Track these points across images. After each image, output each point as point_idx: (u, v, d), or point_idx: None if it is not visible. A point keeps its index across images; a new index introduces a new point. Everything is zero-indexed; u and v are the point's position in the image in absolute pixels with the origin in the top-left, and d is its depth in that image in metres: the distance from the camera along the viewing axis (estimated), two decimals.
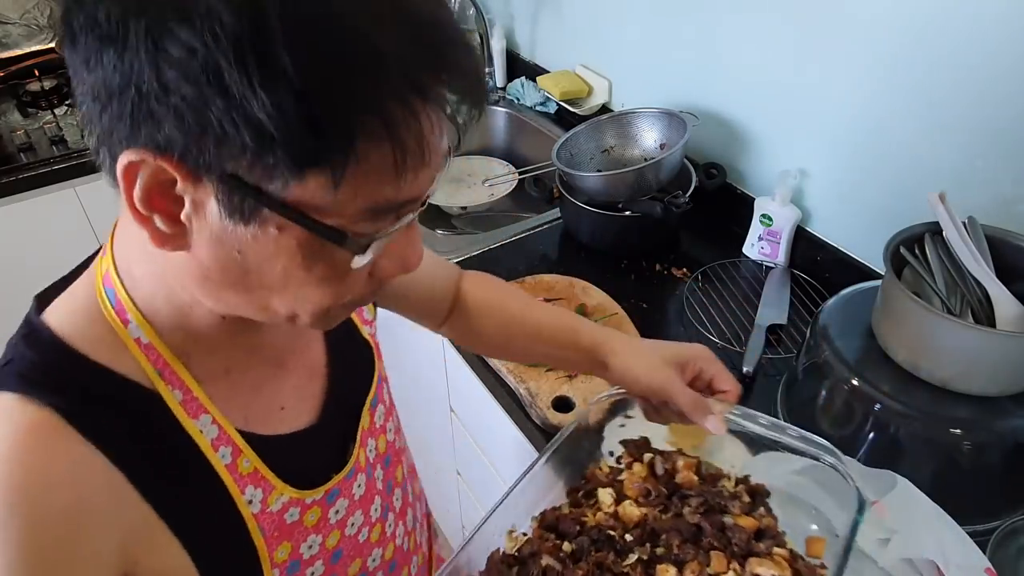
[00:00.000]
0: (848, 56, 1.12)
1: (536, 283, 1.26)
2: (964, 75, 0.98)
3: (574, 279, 1.26)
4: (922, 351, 0.86)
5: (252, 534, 0.56)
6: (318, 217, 0.42)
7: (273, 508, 0.58)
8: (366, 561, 0.68)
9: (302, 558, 0.61)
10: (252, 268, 0.45)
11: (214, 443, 0.54)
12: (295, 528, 0.60)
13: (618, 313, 1.19)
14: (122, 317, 0.51)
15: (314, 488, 0.61)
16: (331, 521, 0.63)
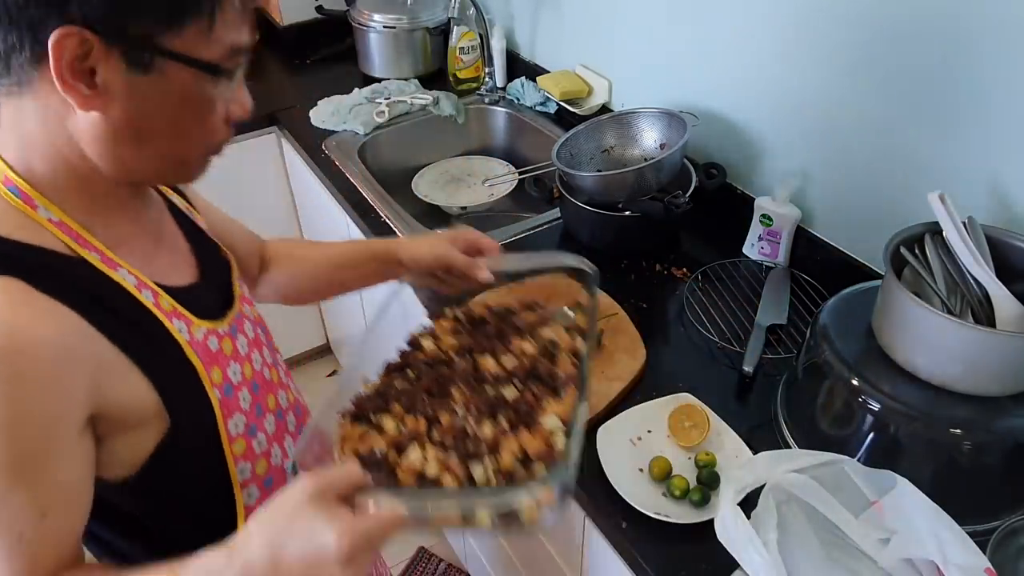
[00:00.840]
0: (848, 56, 1.12)
1: (536, 283, 1.26)
2: (965, 73, 0.98)
3: (574, 279, 1.26)
4: (922, 351, 0.86)
5: (190, 356, 0.69)
6: (198, 59, 0.58)
7: (197, 337, 0.71)
8: (278, 397, 0.83)
9: (231, 382, 0.74)
10: (154, 113, 0.59)
11: (137, 287, 0.66)
12: (219, 355, 0.73)
13: (618, 313, 1.19)
14: (30, 204, 0.62)
15: (219, 320, 0.75)
16: (241, 353, 0.77)
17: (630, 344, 1.13)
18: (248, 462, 0.77)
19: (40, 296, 0.59)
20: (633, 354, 1.12)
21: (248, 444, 0.76)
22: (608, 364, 1.10)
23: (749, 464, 0.84)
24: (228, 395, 0.73)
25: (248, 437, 0.76)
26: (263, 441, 0.79)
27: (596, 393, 1.05)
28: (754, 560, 0.75)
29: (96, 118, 0.58)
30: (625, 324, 1.17)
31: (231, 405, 0.74)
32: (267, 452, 0.79)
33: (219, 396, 0.72)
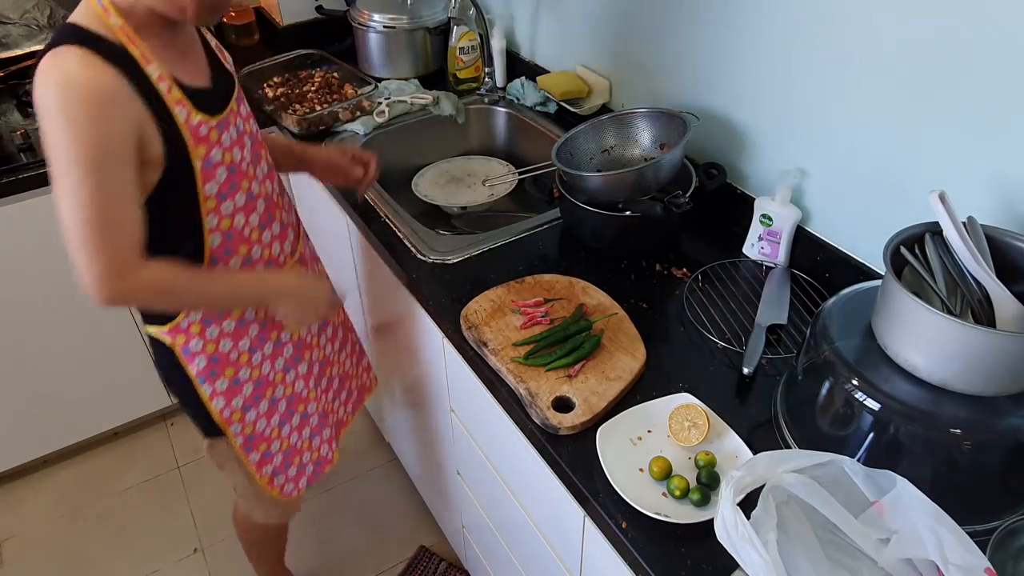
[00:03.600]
0: (848, 55, 1.12)
1: (536, 283, 1.26)
2: (964, 72, 0.98)
3: (574, 279, 1.27)
4: (922, 351, 0.86)
5: (184, 134, 1.01)
6: None
7: (192, 122, 1.02)
8: (250, 185, 1.15)
9: (212, 160, 1.06)
10: None
11: (158, 79, 0.98)
12: (206, 138, 1.04)
13: (618, 313, 1.19)
14: (106, 12, 0.96)
15: (212, 116, 1.05)
16: (224, 144, 1.08)
17: (630, 344, 1.13)
18: (215, 216, 1.10)
19: (104, 63, 0.92)
20: (633, 354, 1.12)
21: (217, 204, 1.09)
22: (608, 364, 1.10)
23: (749, 464, 0.84)
24: (207, 167, 1.05)
25: (218, 199, 1.09)
26: (229, 207, 1.12)
27: (596, 393, 1.05)
28: (754, 560, 0.75)
29: None
30: (625, 324, 1.17)
31: (207, 174, 1.06)
32: (232, 216, 1.13)
33: (200, 165, 1.04)
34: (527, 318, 1.19)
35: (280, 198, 1.27)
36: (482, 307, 1.21)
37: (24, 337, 1.94)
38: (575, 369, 1.09)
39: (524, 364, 1.11)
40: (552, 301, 1.22)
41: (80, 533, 2.09)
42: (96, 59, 0.91)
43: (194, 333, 1.20)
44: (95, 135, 0.90)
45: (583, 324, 1.16)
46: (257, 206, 1.18)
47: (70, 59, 0.91)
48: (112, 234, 0.96)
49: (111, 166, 0.93)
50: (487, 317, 1.20)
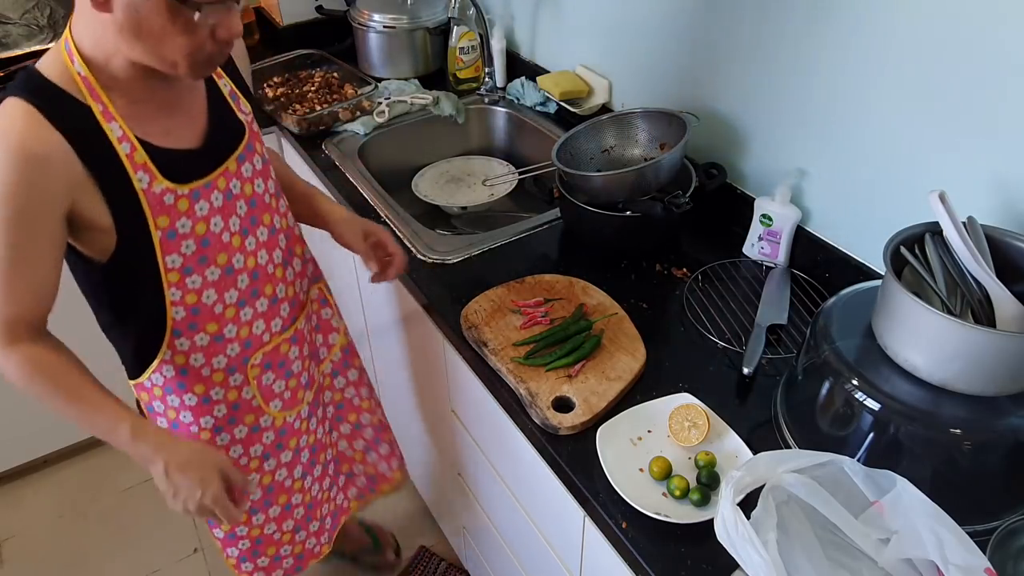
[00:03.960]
0: (848, 55, 1.12)
1: (536, 283, 1.26)
2: (965, 72, 0.98)
3: (574, 279, 1.27)
4: (922, 351, 0.86)
5: (142, 202, 0.93)
6: None
7: (155, 190, 0.94)
8: (231, 258, 1.05)
9: (177, 231, 0.98)
10: (143, 22, 0.82)
11: (119, 139, 0.90)
12: (171, 208, 0.96)
13: (618, 313, 1.19)
14: (71, 59, 0.88)
15: (181, 184, 0.96)
16: (197, 214, 0.99)
17: (630, 344, 1.13)
18: (179, 290, 1.02)
19: (45, 121, 0.85)
20: (633, 354, 1.12)
21: (181, 278, 1.01)
22: (608, 364, 1.10)
23: (749, 464, 0.84)
24: (170, 238, 0.97)
25: (183, 273, 1.01)
26: (197, 282, 1.03)
27: (596, 393, 1.05)
28: (754, 560, 0.75)
29: (107, 17, 0.83)
30: (625, 324, 1.17)
31: (169, 246, 0.98)
32: (199, 291, 1.03)
33: (160, 236, 0.96)
34: (527, 318, 1.19)
35: (281, 269, 1.15)
36: (482, 307, 1.21)
37: None
38: (575, 369, 1.09)
39: (524, 364, 1.11)
40: (552, 301, 1.22)
41: (80, 533, 2.09)
42: (38, 116, 0.85)
43: (156, 395, 1.13)
44: (14, 194, 0.85)
45: (583, 324, 1.16)
46: (238, 281, 1.07)
47: (13, 112, 0.85)
48: (5, 299, 0.91)
49: (24, 229, 0.87)
50: (487, 317, 1.20)
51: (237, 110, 1.08)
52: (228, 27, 0.87)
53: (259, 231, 1.09)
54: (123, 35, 0.84)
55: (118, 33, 0.84)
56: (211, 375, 1.12)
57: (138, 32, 0.83)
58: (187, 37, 0.84)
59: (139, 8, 0.81)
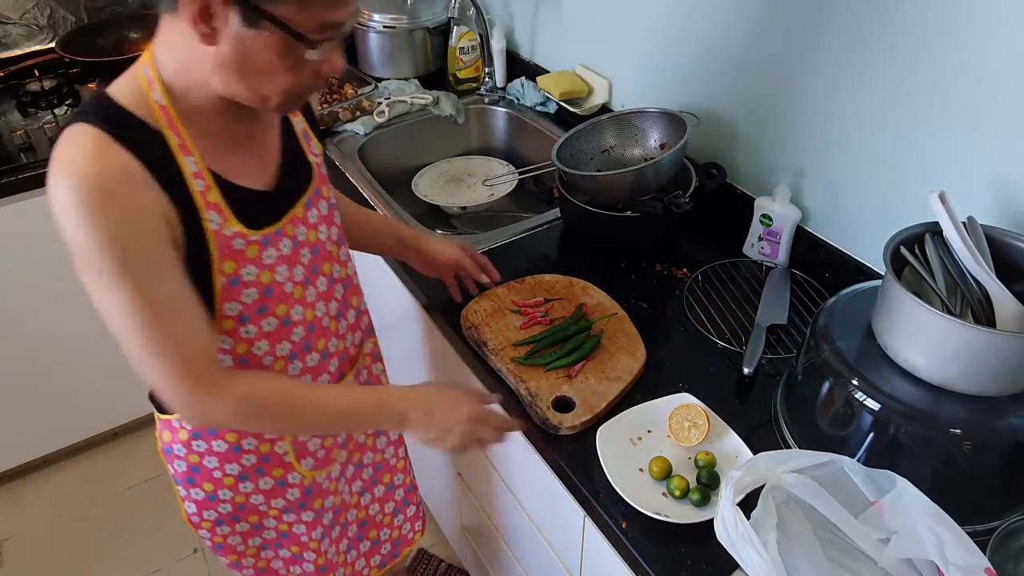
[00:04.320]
0: (848, 56, 1.12)
1: (536, 282, 1.26)
2: (965, 72, 0.98)
3: (574, 279, 1.27)
4: (922, 351, 0.86)
5: (209, 244, 0.85)
6: (292, 27, 0.74)
7: (226, 232, 0.86)
8: (289, 310, 0.96)
9: (241, 279, 0.89)
10: (251, 57, 0.76)
11: (195, 175, 0.83)
12: (239, 254, 0.88)
13: (618, 313, 1.19)
14: (150, 86, 0.81)
15: (254, 229, 0.89)
16: (264, 261, 0.91)
17: (629, 344, 1.13)
18: (230, 338, 0.93)
19: (118, 147, 0.77)
20: (633, 354, 1.12)
21: (236, 327, 0.92)
22: (608, 364, 1.10)
23: (749, 464, 0.84)
24: (233, 285, 0.89)
25: (238, 323, 0.92)
26: (252, 332, 0.94)
27: (596, 393, 1.05)
28: (754, 560, 0.75)
29: (213, 50, 0.76)
30: (625, 324, 1.17)
31: (231, 293, 0.89)
32: (251, 341, 0.94)
33: (223, 281, 0.87)
34: (527, 318, 1.19)
35: (335, 322, 1.06)
36: (482, 307, 1.21)
37: (24, 337, 1.94)
38: (575, 369, 1.09)
39: (524, 364, 1.11)
40: (552, 301, 1.22)
41: (80, 533, 2.09)
42: (111, 143, 0.77)
43: (181, 438, 1.04)
44: (114, 228, 0.76)
45: (583, 324, 1.16)
46: (292, 333, 0.98)
47: (81, 143, 0.76)
48: (171, 342, 0.81)
49: (145, 262, 0.78)
50: (487, 317, 1.20)
51: (308, 151, 1.01)
52: (334, 63, 0.82)
53: (319, 281, 1.01)
54: (222, 69, 0.77)
55: (217, 67, 0.77)
56: None
57: (242, 68, 0.77)
58: (293, 74, 0.79)
59: (249, 43, 0.75)
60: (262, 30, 0.74)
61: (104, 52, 2.02)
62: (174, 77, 0.81)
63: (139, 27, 2.12)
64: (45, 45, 2.14)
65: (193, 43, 0.76)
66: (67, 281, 0.97)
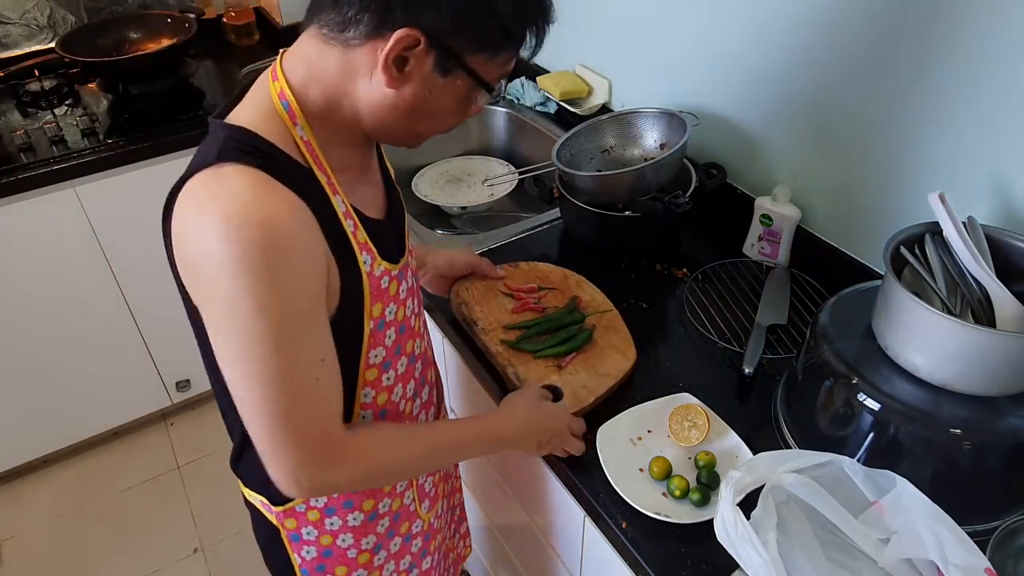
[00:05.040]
0: (849, 56, 1.12)
1: (531, 270, 1.27)
2: (965, 72, 0.98)
3: (568, 272, 1.27)
4: (922, 351, 0.86)
5: (364, 287, 0.79)
6: (481, 77, 0.73)
7: (376, 273, 0.80)
8: (415, 345, 0.93)
9: (386, 319, 0.84)
10: (431, 101, 0.73)
11: (344, 215, 0.76)
12: (385, 293, 0.82)
13: (611, 310, 1.19)
14: (292, 119, 0.73)
15: (394, 264, 0.83)
16: (400, 296, 0.86)
17: (621, 343, 1.13)
18: (372, 390, 0.86)
19: (281, 187, 0.68)
20: (624, 353, 1.12)
21: (379, 375, 0.86)
22: (599, 360, 1.10)
23: (749, 464, 0.84)
24: (379, 329, 0.83)
25: (381, 370, 0.86)
26: (391, 377, 0.88)
27: (585, 387, 1.05)
28: (754, 560, 0.75)
29: (390, 92, 0.72)
30: (617, 322, 1.17)
31: (377, 338, 0.83)
32: (390, 387, 0.89)
33: (371, 327, 0.82)
34: (519, 303, 1.20)
35: (431, 348, 1.04)
36: (474, 284, 1.22)
37: (24, 337, 1.94)
38: (565, 360, 1.09)
39: (514, 348, 1.11)
40: (545, 290, 1.23)
41: (80, 533, 2.09)
42: (272, 182, 0.67)
43: (310, 520, 0.94)
44: (281, 289, 0.67)
45: (576, 316, 1.16)
46: (415, 370, 0.94)
47: (241, 183, 0.66)
48: (312, 417, 0.73)
49: (305, 331, 0.70)
50: (478, 295, 1.20)
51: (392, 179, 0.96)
52: (481, 103, 0.80)
53: (418, 300, 0.96)
54: (394, 111, 0.73)
55: (390, 107, 0.73)
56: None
57: (418, 110, 0.73)
58: (458, 117, 0.78)
59: (436, 89, 0.72)
60: (454, 78, 0.72)
61: (104, 52, 2.02)
62: (318, 109, 0.74)
63: (139, 27, 2.12)
64: (45, 45, 2.14)
65: (357, 78, 0.71)
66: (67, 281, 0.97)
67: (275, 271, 0.66)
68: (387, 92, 0.72)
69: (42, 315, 1.92)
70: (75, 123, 1.87)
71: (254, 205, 0.65)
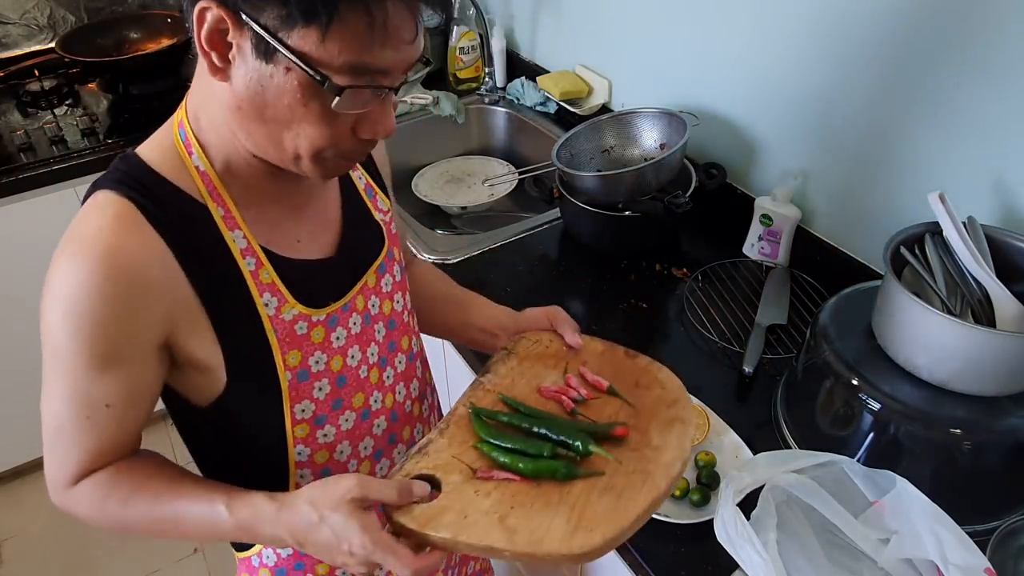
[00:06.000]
0: (849, 56, 1.12)
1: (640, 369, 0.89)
2: (965, 72, 0.98)
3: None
4: (922, 351, 0.86)
5: (268, 334, 0.71)
6: (312, 63, 0.58)
7: (285, 317, 0.72)
8: (368, 399, 0.82)
9: (310, 370, 0.75)
10: (269, 101, 0.61)
11: (243, 252, 0.69)
12: (303, 340, 0.74)
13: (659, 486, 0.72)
14: (188, 150, 0.68)
15: (317, 309, 0.74)
16: (333, 345, 0.77)
17: (604, 515, 0.71)
18: (308, 447, 0.78)
19: (145, 225, 0.65)
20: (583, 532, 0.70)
21: (311, 431, 0.78)
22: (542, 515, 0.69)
23: (749, 464, 0.84)
24: (302, 380, 0.75)
25: (314, 425, 0.78)
26: (330, 434, 0.79)
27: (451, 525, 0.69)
28: (754, 560, 0.75)
29: (226, 88, 0.63)
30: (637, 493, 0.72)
31: (301, 391, 0.75)
32: (331, 445, 0.80)
33: (290, 378, 0.74)
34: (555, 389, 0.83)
35: (419, 405, 0.91)
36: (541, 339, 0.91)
37: (24, 337, 1.94)
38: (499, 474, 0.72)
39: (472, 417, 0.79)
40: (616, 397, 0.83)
41: (80, 533, 2.09)
42: (136, 216, 0.64)
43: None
44: (95, 322, 0.64)
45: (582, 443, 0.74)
46: (374, 426, 0.83)
47: (104, 209, 0.65)
48: (99, 433, 0.70)
49: (104, 368, 0.66)
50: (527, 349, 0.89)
51: (374, 209, 0.84)
52: (375, 124, 0.65)
53: (397, 359, 0.86)
54: (240, 115, 0.63)
55: (234, 112, 0.64)
56: None
57: (260, 112, 0.62)
58: (321, 127, 0.63)
59: (266, 81, 0.60)
60: (278, 64, 0.59)
61: (104, 52, 2.02)
62: (209, 135, 0.68)
63: (139, 27, 2.12)
64: (45, 45, 2.14)
65: (214, 86, 0.63)
66: None
67: (86, 304, 0.63)
68: (222, 88, 0.63)
69: None
70: (75, 123, 1.87)
71: (101, 236, 0.63)
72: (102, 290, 0.63)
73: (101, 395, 0.67)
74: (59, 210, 1.79)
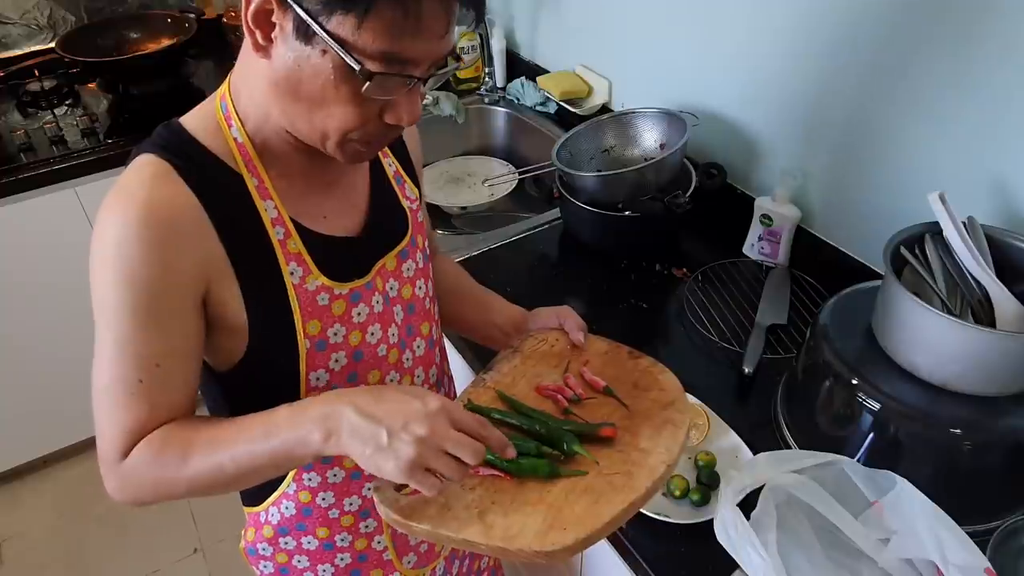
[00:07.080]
0: (848, 56, 1.12)
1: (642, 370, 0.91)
2: (965, 73, 0.98)
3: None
4: (922, 351, 0.86)
5: (291, 301, 0.74)
6: (347, 48, 0.62)
7: (309, 287, 0.75)
8: (384, 377, 0.84)
9: (328, 340, 0.77)
10: (304, 80, 0.65)
11: (273, 221, 0.73)
12: (324, 311, 0.76)
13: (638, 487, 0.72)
14: (228, 122, 0.73)
15: (341, 283, 0.77)
16: (354, 320, 0.79)
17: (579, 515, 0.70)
18: None
19: (180, 183, 0.68)
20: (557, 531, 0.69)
21: None
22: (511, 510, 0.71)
23: (749, 464, 0.84)
24: (320, 349, 0.77)
25: None
26: None
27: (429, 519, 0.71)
28: (754, 560, 0.75)
29: (267, 65, 0.66)
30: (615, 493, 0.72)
31: (318, 360, 0.78)
32: None
33: (308, 346, 0.76)
34: (553, 388, 0.85)
35: (436, 390, 0.94)
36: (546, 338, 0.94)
37: (24, 337, 1.94)
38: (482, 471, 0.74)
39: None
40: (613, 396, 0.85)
41: (80, 533, 2.09)
42: (172, 175, 0.68)
43: (265, 536, 0.92)
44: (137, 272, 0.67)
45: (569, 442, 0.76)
46: None
47: (143, 170, 0.69)
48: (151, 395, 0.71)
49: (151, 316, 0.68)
50: (531, 347, 0.92)
51: (402, 196, 0.87)
52: (402, 110, 0.68)
53: (416, 344, 0.88)
54: (277, 92, 0.67)
55: (271, 88, 0.67)
56: (339, 517, 0.89)
57: (294, 90, 0.66)
58: (351, 109, 0.66)
59: (303, 61, 0.63)
60: (316, 47, 0.62)
61: (104, 52, 2.02)
62: (249, 108, 0.72)
63: (139, 27, 2.12)
64: (45, 45, 2.14)
65: (255, 63, 0.67)
66: (67, 280, 0.97)
67: (126, 252, 0.66)
68: (262, 65, 0.66)
69: (42, 315, 1.92)
70: (75, 123, 1.87)
71: (139, 189, 0.68)
72: (140, 235, 0.66)
73: (149, 353, 0.69)
74: (59, 210, 1.79)
